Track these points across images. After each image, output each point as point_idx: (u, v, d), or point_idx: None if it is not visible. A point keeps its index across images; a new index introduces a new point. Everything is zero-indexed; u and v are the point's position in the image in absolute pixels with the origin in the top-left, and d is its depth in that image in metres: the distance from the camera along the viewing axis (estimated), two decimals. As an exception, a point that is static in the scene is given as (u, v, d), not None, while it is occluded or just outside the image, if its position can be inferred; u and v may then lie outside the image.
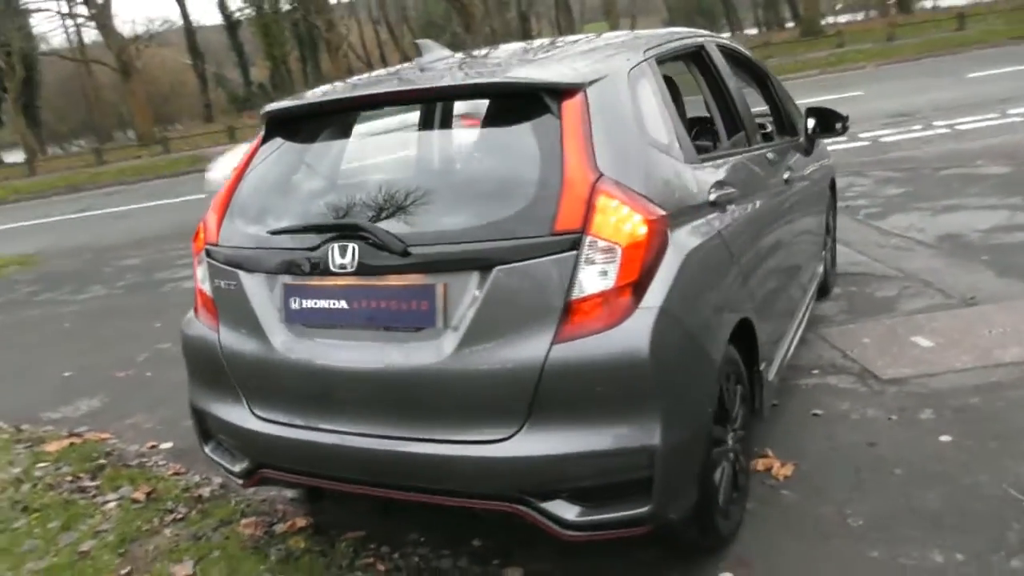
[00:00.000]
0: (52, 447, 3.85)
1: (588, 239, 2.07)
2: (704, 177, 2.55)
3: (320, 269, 2.28)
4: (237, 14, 43.73)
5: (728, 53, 3.64)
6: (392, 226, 2.23)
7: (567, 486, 2.16)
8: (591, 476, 2.14)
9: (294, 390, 2.42)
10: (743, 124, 3.25)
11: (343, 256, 2.24)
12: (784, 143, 3.85)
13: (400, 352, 2.22)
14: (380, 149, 2.53)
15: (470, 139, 2.58)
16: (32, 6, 34.10)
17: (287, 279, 2.39)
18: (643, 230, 2.10)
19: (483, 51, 2.87)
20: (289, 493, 3.14)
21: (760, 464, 3.02)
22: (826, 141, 4.93)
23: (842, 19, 45.17)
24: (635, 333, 2.06)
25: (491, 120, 2.40)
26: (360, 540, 2.82)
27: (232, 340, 2.51)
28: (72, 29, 41.53)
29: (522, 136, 2.25)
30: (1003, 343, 3.78)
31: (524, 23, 47.51)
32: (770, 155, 3.37)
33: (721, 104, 3.25)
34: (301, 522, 2.94)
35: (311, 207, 2.47)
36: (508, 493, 2.18)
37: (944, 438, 3.06)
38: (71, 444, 3.87)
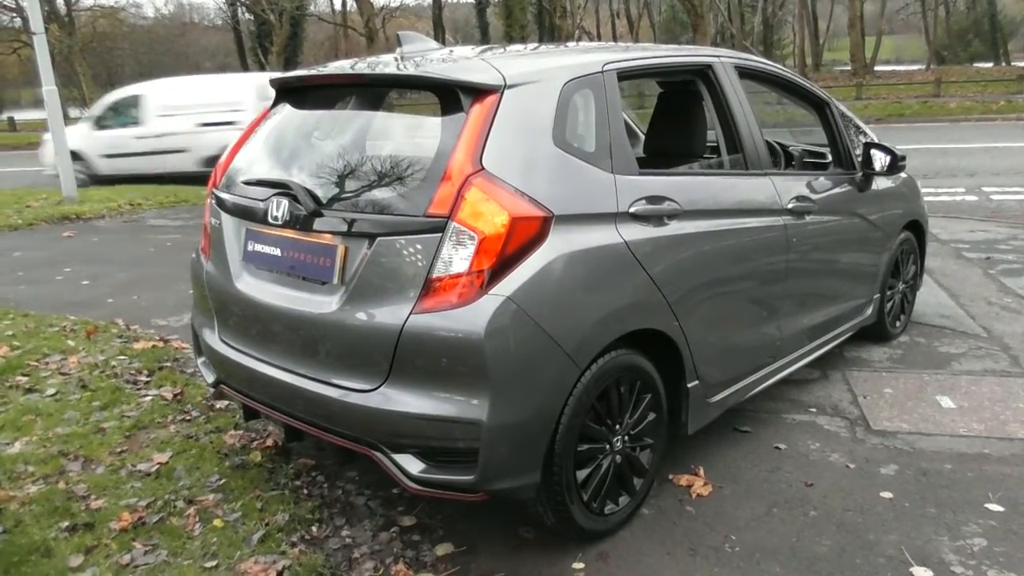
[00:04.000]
0: (139, 345, 4.60)
1: (453, 225, 2.30)
2: (631, 189, 2.66)
3: (265, 219, 2.68)
4: (490, -7, 45.65)
5: (758, 76, 3.63)
6: (318, 190, 2.57)
7: (415, 443, 2.41)
8: (435, 438, 2.38)
9: (242, 320, 2.85)
10: (742, 147, 3.25)
11: (277, 209, 2.62)
12: (799, 172, 3.77)
13: (308, 300, 2.57)
14: (340, 124, 2.87)
15: (401, 124, 2.85)
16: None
17: (249, 224, 2.81)
18: (505, 224, 2.29)
19: (465, 48, 3.12)
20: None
21: (684, 479, 3.06)
22: (916, 183, 4.70)
23: None
24: (477, 315, 2.26)
25: (420, 109, 2.68)
26: (307, 467, 3.23)
27: (212, 271, 2.98)
28: (337, -5, 45.56)
29: (436, 126, 2.50)
30: (1026, 419, 3.47)
31: (767, 30, 45.87)
32: (769, 181, 3.33)
33: (723, 123, 3.27)
34: (270, 442, 3.40)
35: (275, 166, 2.87)
36: (367, 439, 2.47)
37: (885, 494, 2.93)
38: (153, 346, 4.61)
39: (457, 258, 2.30)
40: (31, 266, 6.96)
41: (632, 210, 2.64)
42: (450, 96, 2.49)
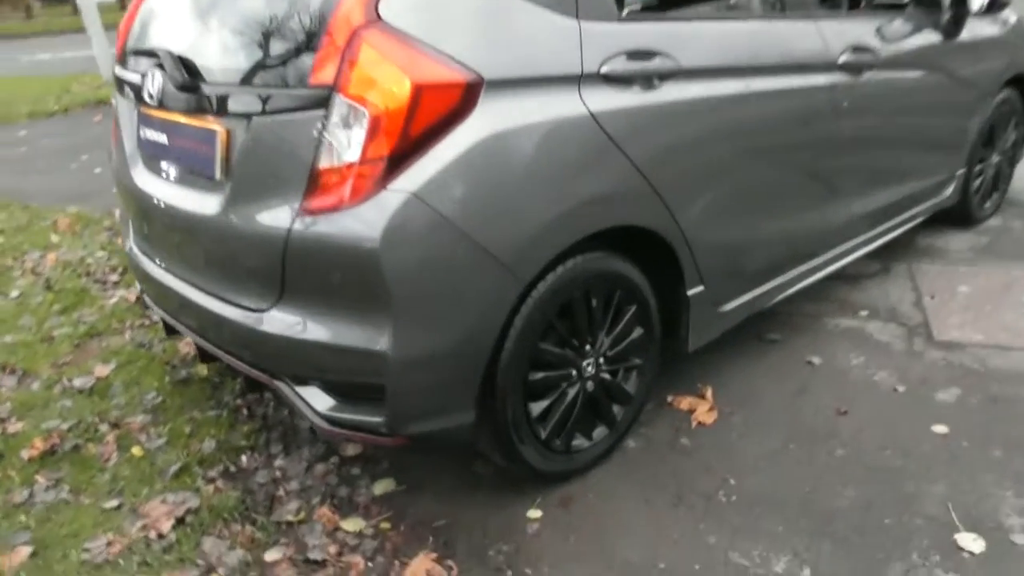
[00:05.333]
0: (126, 240, 4.28)
1: (339, 98, 1.73)
2: (604, 41, 2.01)
3: (143, 98, 2.18)
4: None
5: None
6: (195, 58, 2.03)
7: (316, 375, 1.96)
8: (335, 371, 1.92)
9: (144, 222, 2.40)
10: None
11: (152, 85, 2.11)
12: (860, 14, 2.94)
13: (195, 199, 2.08)
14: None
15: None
16: None
17: (140, 106, 2.32)
18: (406, 94, 1.71)
19: None
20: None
21: (686, 402, 2.53)
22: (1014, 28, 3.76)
23: None
24: (370, 218, 1.73)
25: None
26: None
27: (117, 164, 2.52)
28: None
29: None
30: None
31: None
32: (813, 26, 2.59)
33: None
34: (223, 352, 3.02)
35: (159, 29, 2.31)
36: (267, 367, 2.03)
37: (938, 428, 2.34)
38: (140, 241, 4.28)
39: (347, 143, 1.74)
40: (52, 154, 6.72)
41: (605, 70, 1.99)
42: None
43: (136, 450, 2.46)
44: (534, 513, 2.13)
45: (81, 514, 2.20)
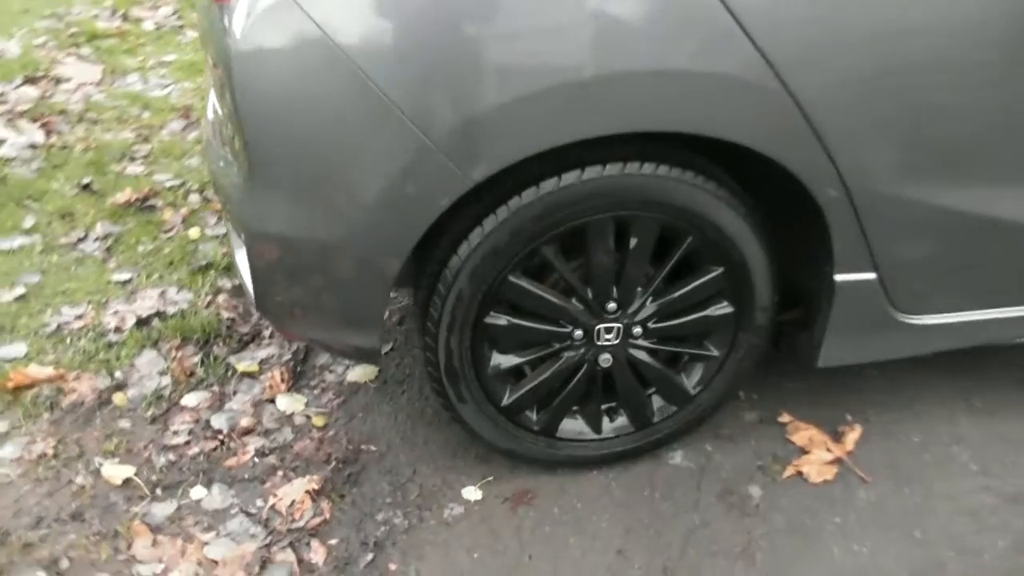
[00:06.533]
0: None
1: None
2: None
3: None
4: None
5: None
6: None
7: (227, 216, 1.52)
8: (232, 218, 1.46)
9: None
10: None
11: None
12: None
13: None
14: None
15: None
16: None
17: None
18: None
19: None
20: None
21: (805, 435, 1.63)
22: None
23: None
24: (240, 17, 1.15)
25: None
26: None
27: None
28: None
29: None
30: None
31: None
32: None
33: None
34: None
35: None
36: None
37: None
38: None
39: None
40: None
41: None
42: None
43: (194, 232, 2.28)
44: (471, 494, 1.54)
45: (91, 276, 2.09)
